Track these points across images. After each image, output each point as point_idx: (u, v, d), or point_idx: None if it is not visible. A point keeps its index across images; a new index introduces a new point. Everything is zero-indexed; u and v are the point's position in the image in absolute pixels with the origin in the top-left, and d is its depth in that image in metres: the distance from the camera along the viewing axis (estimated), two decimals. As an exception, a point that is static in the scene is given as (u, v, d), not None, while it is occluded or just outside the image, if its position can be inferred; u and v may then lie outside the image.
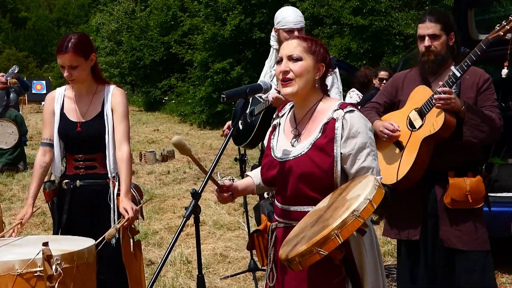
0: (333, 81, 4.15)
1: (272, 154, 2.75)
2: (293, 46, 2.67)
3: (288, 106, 2.90)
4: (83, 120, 3.67)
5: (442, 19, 3.60)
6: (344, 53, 15.39)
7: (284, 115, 2.89)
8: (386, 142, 3.73)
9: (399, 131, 3.65)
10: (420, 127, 3.58)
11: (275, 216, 2.82)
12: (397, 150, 3.69)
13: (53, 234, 3.78)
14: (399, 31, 14.80)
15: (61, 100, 3.74)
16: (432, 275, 3.64)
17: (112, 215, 3.62)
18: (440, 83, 3.52)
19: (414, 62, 7.37)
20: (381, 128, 3.69)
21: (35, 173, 3.69)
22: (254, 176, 2.94)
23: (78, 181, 3.67)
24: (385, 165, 3.76)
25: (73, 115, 3.69)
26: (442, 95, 3.39)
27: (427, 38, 3.60)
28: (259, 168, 2.97)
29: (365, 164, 2.58)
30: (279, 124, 2.86)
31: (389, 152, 3.75)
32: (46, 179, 3.77)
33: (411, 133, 3.62)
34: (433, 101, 3.45)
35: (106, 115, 3.67)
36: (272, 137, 2.84)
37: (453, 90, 3.48)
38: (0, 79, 12.15)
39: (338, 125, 2.58)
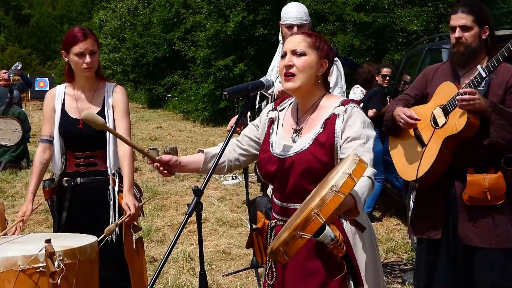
0: (337, 80, 4.13)
1: (271, 150, 2.72)
2: (297, 41, 2.67)
3: (288, 101, 2.89)
4: None
5: (475, 11, 3.52)
6: (347, 50, 15.35)
7: (283, 109, 2.86)
8: (405, 128, 3.67)
9: (418, 119, 3.57)
10: (443, 125, 3.52)
11: (274, 214, 2.79)
12: (419, 147, 3.64)
13: (54, 231, 3.79)
14: (402, 27, 14.73)
15: (62, 98, 3.75)
16: (453, 273, 3.58)
17: (111, 212, 3.63)
18: (466, 81, 3.48)
19: (417, 59, 7.37)
20: (399, 113, 3.63)
21: (34, 169, 3.69)
22: (207, 153, 2.85)
23: (79, 178, 3.68)
24: (406, 161, 3.74)
25: (74, 113, 3.69)
26: (465, 96, 3.31)
27: (458, 29, 3.53)
28: (217, 147, 2.90)
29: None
30: (278, 118, 2.83)
31: (410, 148, 3.72)
32: (45, 177, 3.78)
33: (434, 130, 3.57)
34: (456, 102, 3.39)
35: (107, 112, 3.68)
36: (270, 131, 2.81)
37: (480, 88, 3.42)
38: (3, 76, 12.15)
39: (339, 120, 2.58)
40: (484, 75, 3.36)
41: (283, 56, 2.70)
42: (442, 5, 14.04)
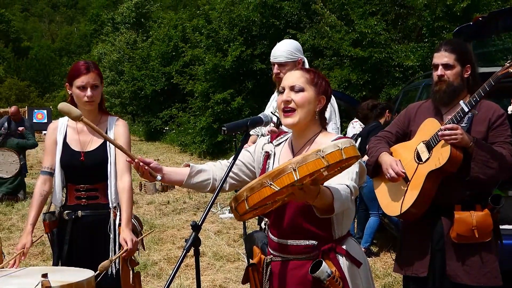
0: (331, 116, 4.13)
1: None
2: (296, 77, 2.69)
3: (284, 137, 2.89)
4: (87, 150, 3.69)
5: (457, 50, 3.57)
6: (344, 85, 15.44)
7: (280, 144, 2.85)
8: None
9: (403, 175, 3.60)
10: (426, 160, 3.54)
11: (270, 249, 2.78)
12: (404, 182, 3.64)
13: (53, 264, 3.77)
14: (398, 63, 14.86)
15: (64, 130, 3.77)
16: None
17: (111, 246, 3.62)
18: (449, 117, 3.52)
19: (414, 94, 7.42)
20: (386, 166, 3.64)
21: (34, 201, 3.69)
22: (193, 167, 2.80)
23: (79, 211, 3.67)
24: (390, 197, 3.74)
25: (76, 145, 3.71)
26: (446, 132, 3.36)
27: (440, 67, 3.57)
28: (205, 164, 2.89)
29: (337, 180, 2.46)
30: (274, 153, 2.82)
31: (395, 184, 3.71)
32: (45, 209, 3.78)
33: (417, 166, 3.58)
34: (438, 137, 3.44)
35: (109, 145, 3.69)
36: (266, 166, 2.80)
37: (463, 125, 3.46)
38: (14, 111, 12.30)
39: None
40: (466, 109, 3.41)
41: (281, 91, 2.71)
42: (438, 41, 14.17)
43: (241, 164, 2.85)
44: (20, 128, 12.28)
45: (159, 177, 2.69)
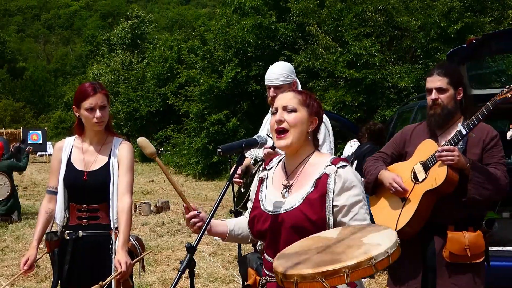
0: (325, 137, 4.14)
1: (262, 207, 2.72)
2: (288, 98, 2.71)
3: (275, 160, 2.92)
4: (90, 170, 3.70)
5: (450, 73, 3.64)
6: (338, 106, 15.48)
7: (272, 168, 2.88)
8: (391, 193, 3.74)
9: (407, 189, 3.64)
10: (423, 180, 3.59)
11: (265, 270, 2.77)
12: (399, 201, 3.69)
13: (53, 285, 3.75)
14: (393, 84, 14.93)
15: (69, 150, 3.79)
16: None
17: (113, 267, 3.60)
18: (444, 140, 3.57)
19: (408, 115, 7.44)
20: (390, 181, 3.69)
21: (40, 217, 3.72)
22: (229, 223, 2.88)
23: (80, 231, 3.67)
24: (386, 214, 3.77)
25: (80, 164, 3.72)
26: (443, 153, 3.42)
27: (434, 91, 3.63)
28: (239, 218, 2.94)
29: (358, 217, 2.56)
30: (267, 176, 2.85)
31: (391, 202, 3.76)
32: (48, 229, 3.78)
33: (414, 185, 3.63)
34: (436, 158, 3.49)
35: (112, 166, 3.70)
36: (260, 189, 2.82)
37: (459, 146, 3.51)
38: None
39: (330, 180, 2.58)
40: (464, 132, 3.46)
41: (274, 112, 2.73)
42: (432, 62, 14.27)
43: None
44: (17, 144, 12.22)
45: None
